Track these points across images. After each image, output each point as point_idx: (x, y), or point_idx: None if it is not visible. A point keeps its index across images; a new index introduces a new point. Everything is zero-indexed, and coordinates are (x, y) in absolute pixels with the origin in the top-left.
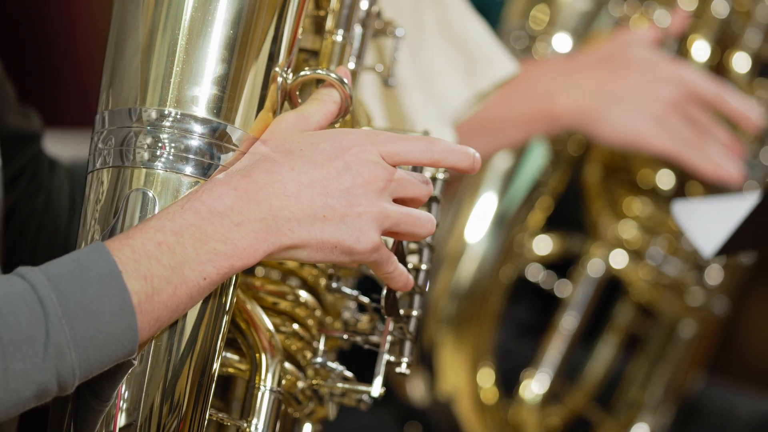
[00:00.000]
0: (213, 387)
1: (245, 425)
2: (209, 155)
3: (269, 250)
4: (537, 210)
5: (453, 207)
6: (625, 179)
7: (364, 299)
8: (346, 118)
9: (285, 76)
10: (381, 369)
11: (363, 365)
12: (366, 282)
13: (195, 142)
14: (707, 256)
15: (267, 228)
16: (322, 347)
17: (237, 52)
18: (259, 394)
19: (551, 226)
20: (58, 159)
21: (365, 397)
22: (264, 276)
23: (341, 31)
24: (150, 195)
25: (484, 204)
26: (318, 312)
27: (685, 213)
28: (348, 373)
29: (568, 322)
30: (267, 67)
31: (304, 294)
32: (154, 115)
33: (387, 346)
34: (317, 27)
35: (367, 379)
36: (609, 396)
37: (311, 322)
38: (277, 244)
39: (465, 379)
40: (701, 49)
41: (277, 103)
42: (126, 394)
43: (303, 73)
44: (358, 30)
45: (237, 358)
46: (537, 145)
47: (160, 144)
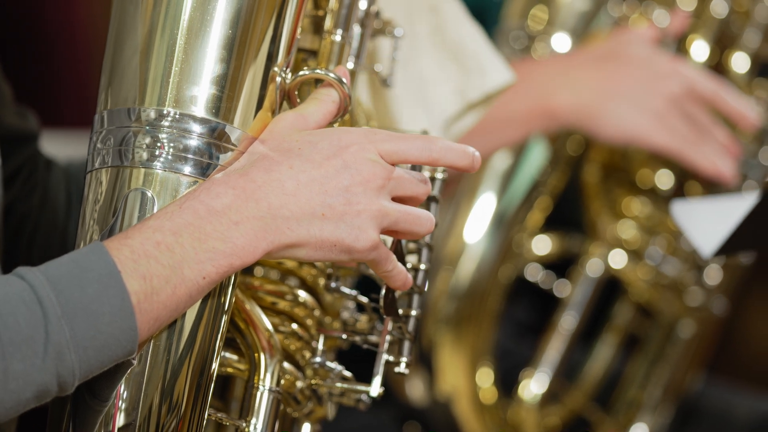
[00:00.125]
0: (212, 387)
1: (244, 425)
2: (208, 155)
3: (268, 248)
4: (536, 210)
5: (452, 207)
6: (624, 179)
7: (362, 299)
8: (344, 117)
9: (284, 75)
10: (380, 369)
11: (362, 365)
12: (365, 282)
13: (194, 141)
14: (706, 256)
15: (266, 226)
16: (320, 347)
17: (236, 51)
18: (258, 393)
19: (550, 226)
20: (54, 159)
21: (364, 397)
22: (263, 276)
23: (340, 31)
24: (149, 195)
25: (483, 204)
26: (317, 312)
27: (684, 213)
28: (347, 373)
29: (567, 321)
30: (266, 67)
31: (303, 294)
32: (152, 115)
33: (386, 345)
34: (316, 27)
35: (366, 379)
36: (608, 396)
37: (310, 321)
38: (276, 242)
39: (464, 379)
40: (700, 49)
41: (276, 103)
42: (125, 394)
43: (302, 73)
44: (356, 30)
45: (236, 357)
46: (536, 145)
47: (158, 144)
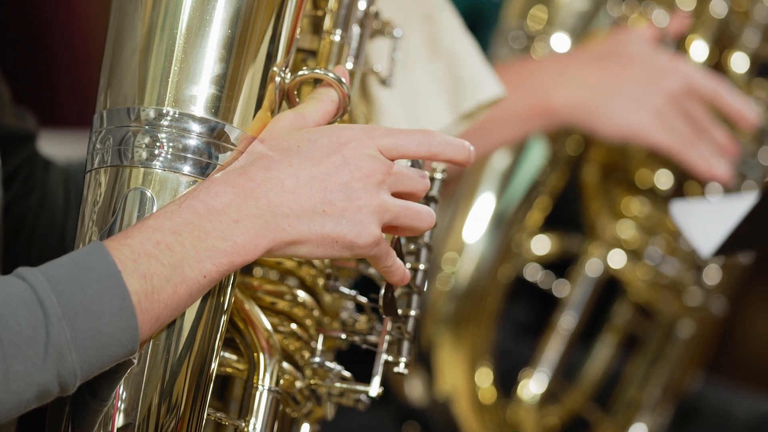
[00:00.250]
0: (211, 387)
1: (243, 425)
2: (207, 155)
3: (269, 246)
4: (535, 210)
5: (451, 207)
6: (624, 179)
7: (362, 299)
8: (344, 117)
9: (283, 75)
10: (379, 369)
11: (361, 365)
12: (364, 282)
13: (193, 141)
14: (705, 256)
15: (266, 224)
16: (320, 347)
17: (235, 51)
18: (257, 393)
19: (549, 225)
20: (52, 159)
21: (363, 397)
22: (262, 276)
23: (339, 31)
24: (148, 194)
25: (482, 204)
26: (316, 312)
27: (683, 213)
28: (346, 373)
29: (566, 321)
30: (265, 67)
31: (302, 294)
32: (152, 115)
33: (385, 345)
34: (315, 27)
35: (365, 379)
36: (607, 396)
37: (309, 321)
38: (277, 239)
39: (463, 379)
40: (699, 49)
41: (275, 103)
42: (124, 394)
43: (301, 73)
44: (356, 30)
45: (235, 357)
46: (535, 145)
47: (158, 143)
